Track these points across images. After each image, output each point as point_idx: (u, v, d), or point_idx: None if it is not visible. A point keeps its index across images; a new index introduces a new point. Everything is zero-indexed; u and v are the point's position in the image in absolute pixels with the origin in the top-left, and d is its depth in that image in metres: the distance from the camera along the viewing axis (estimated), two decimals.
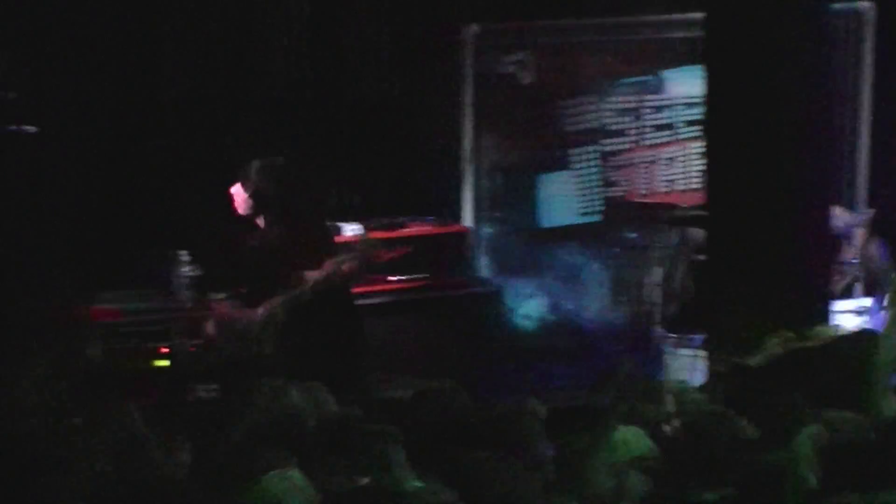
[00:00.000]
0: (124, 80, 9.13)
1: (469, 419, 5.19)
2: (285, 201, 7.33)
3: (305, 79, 9.59)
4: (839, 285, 8.81)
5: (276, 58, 9.54)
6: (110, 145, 8.90)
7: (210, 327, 7.68)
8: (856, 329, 5.84)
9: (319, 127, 9.49)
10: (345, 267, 7.73)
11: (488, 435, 5.07)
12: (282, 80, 9.51)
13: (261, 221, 7.40)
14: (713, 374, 5.67)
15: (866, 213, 9.89)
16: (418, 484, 4.65)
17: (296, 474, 4.53)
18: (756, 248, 7.16)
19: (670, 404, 5.11)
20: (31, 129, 8.26)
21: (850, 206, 10.13)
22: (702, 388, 5.41)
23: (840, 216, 9.16)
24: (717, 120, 7.66)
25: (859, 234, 9.69)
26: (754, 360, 5.26)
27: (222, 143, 9.15)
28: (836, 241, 9.16)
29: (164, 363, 7.92)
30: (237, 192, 7.28)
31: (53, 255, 8.51)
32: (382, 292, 9.05)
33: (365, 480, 4.77)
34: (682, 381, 5.31)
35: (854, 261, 9.54)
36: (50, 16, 8.84)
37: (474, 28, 9.83)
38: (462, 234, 9.76)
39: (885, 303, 9.03)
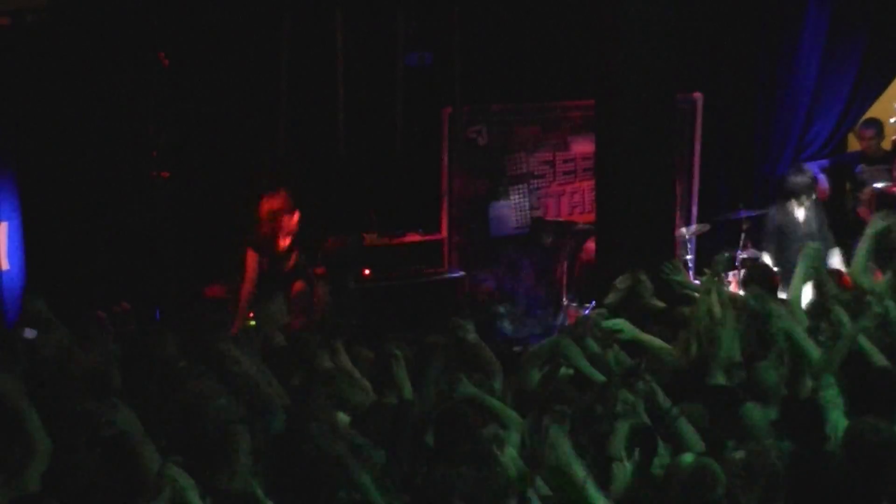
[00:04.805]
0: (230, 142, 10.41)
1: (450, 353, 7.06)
2: None
3: (358, 144, 10.77)
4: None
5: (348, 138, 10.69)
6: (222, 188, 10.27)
7: None
8: None
9: (357, 173, 10.93)
10: None
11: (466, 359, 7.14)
12: (348, 147, 10.70)
13: None
14: None
15: (699, 227, 11.85)
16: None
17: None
18: (626, 250, 9.40)
19: None
20: (165, 174, 10.32)
21: (687, 223, 12.04)
22: None
23: (680, 228, 11.09)
24: (602, 169, 10.08)
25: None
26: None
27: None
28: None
29: None
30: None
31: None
32: (393, 277, 10.83)
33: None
34: None
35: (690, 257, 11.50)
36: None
37: (449, 110, 11.29)
38: (441, 240, 11.20)
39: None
